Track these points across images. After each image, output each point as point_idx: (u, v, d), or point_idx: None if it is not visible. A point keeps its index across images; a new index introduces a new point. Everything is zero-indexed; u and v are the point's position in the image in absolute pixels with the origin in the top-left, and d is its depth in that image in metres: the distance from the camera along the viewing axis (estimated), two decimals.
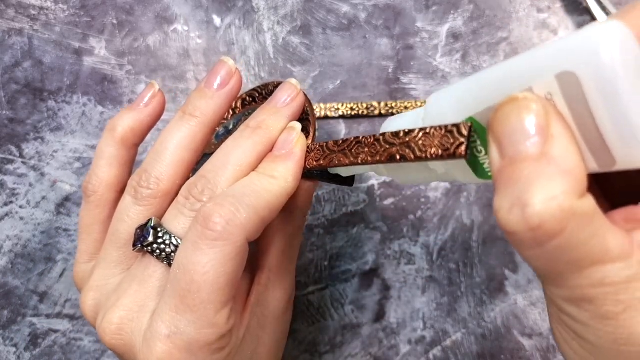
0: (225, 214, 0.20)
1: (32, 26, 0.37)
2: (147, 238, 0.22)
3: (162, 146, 0.24)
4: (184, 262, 0.20)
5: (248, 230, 0.21)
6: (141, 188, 0.23)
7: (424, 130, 0.18)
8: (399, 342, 0.34)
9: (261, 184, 0.22)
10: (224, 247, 0.20)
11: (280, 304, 0.25)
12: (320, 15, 0.38)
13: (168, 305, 0.21)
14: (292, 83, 0.25)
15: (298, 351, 0.33)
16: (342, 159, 0.22)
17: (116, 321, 0.22)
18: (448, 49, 0.38)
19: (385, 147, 0.20)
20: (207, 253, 0.20)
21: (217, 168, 0.23)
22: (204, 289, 0.20)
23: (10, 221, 0.34)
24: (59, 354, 0.33)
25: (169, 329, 0.20)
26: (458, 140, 0.17)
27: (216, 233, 0.20)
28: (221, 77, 0.25)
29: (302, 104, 0.25)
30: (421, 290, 0.34)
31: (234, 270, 0.20)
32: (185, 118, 0.24)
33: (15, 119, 0.36)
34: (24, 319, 0.33)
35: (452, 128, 0.17)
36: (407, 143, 0.19)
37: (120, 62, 0.37)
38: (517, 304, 0.34)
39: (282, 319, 0.26)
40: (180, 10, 0.38)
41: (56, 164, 0.35)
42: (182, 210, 0.22)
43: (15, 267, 0.34)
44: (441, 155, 0.17)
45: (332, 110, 0.36)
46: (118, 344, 0.22)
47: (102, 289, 0.24)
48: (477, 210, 0.36)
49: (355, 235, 0.35)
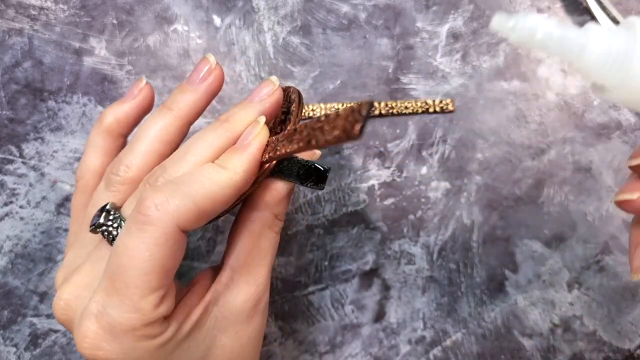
0: (158, 200, 0.20)
1: (32, 26, 0.37)
2: (98, 220, 0.23)
3: (137, 137, 0.25)
4: (117, 244, 0.21)
5: (180, 218, 0.20)
6: (112, 174, 0.24)
7: (337, 112, 0.18)
8: (399, 342, 0.34)
9: (208, 173, 0.22)
10: (152, 232, 0.20)
11: (245, 306, 0.24)
12: (320, 15, 0.38)
13: (101, 286, 0.21)
14: (272, 80, 0.25)
15: (298, 351, 0.33)
16: (281, 148, 0.22)
17: (65, 297, 0.23)
18: (448, 49, 0.38)
19: (308, 132, 0.19)
20: (136, 237, 0.20)
21: (176, 158, 0.23)
22: (129, 272, 0.20)
23: (11, 221, 0.34)
24: (59, 354, 0.33)
25: (97, 309, 0.21)
26: (356, 120, 0.16)
27: (147, 218, 0.20)
28: (201, 73, 0.25)
29: (278, 100, 0.25)
30: (421, 290, 0.34)
31: (163, 257, 0.20)
32: (162, 111, 0.25)
33: (15, 119, 0.36)
34: (24, 319, 0.33)
35: (356, 106, 0.17)
36: (322, 127, 0.18)
37: (120, 62, 0.37)
38: (517, 304, 0.34)
39: (249, 323, 0.25)
40: (180, 10, 0.38)
41: (56, 164, 0.35)
42: (137, 196, 0.23)
43: (16, 267, 0.34)
44: (341, 137, 0.17)
45: (332, 110, 0.36)
46: (64, 319, 0.23)
47: (70, 268, 0.24)
48: (477, 211, 0.36)
49: (355, 235, 0.35)
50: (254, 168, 0.23)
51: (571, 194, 0.36)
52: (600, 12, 0.38)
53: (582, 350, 0.34)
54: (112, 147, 0.27)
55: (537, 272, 0.35)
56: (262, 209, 0.25)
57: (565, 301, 0.35)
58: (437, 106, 0.36)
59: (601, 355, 0.34)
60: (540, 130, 0.37)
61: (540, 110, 0.37)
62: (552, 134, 0.37)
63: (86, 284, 0.23)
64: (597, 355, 0.34)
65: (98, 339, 0.20)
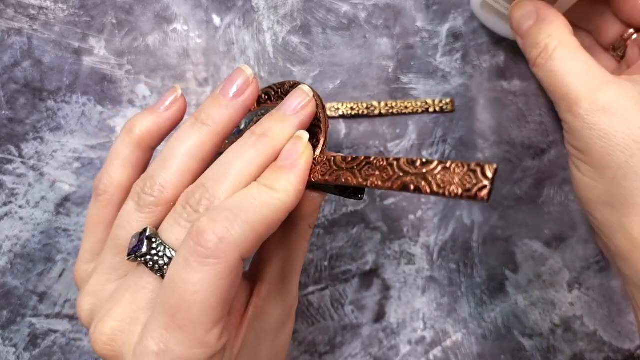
0: (218, 231, 0.19)
1: (32, 26, 0.37)
2: (140, 248, 0.21)
3: (170, 153, 0.23)
4: (174, 279, 0.20)
5: (242, 248, 0.20)
6: (144, 195, 0.23)
7: (443, 164, 0.17)
8: (399, 342, 0.34)
9: (260, 197, 0.21)
10: (216, 266, 0.19)
11: (281, 316, 0.24)
12: (320, 14, 0.38)
13: (158, 322, 0.20)
14: (305, 90, 0.24)
15: (298, 351, 0.33)
16: (349, 178, 0.21)
17: (107, 332, 0.22)
18: (448, 48, 0.38)
19: (399, 175, 0.19)
20: (198, 271, 0.19)
21: (217, 177, 0.22)
22: (194, 309, 0.19)
23: (10, 221, 0.34)
24: (58, 354, 0.33)
25: (158, 347, 0.20)
26: (481, 183, 0.16)
27: (208, 251, 0.19)
28: (237, 86, 0.24)
29: (313, 112, 0.24)
30: (421, 291, 0.34)
31: (227, 290, 0.20)
32: (197, 126, 0.23)
33: (15, 119, 0.36)
34: (24, 319, 0.33)
35: (476, 168, 0.16)
36: (424, 175, 0.18)
37: (119, 61, 0.37)
38: (518, 304, 0.34)
39: (283, 331, 0.25)
40: (180, 9, 0.38)
41: (55, 163, 0.35)
42: (179, 221, 0.22)
43: (15, 267, 0.34)
44: (461, 194, 0.17)
45: (332, 110, 0.36)
46: (109, 355, 0.22)
47: (98, 295, 0.23)
48: (478, 211, 0.35)
49: (355, 235, 0.35)
50: (303, 187, 0.22)
51: (571, 194, 0.36)
52: None
53: (583, 351, 0.34)
54: (140, 159, 0.25)
55: (537, 272, 0.35)
56: (298, 222, 0.24)
57: (566, 301, 0.35)
58: (437, 106, 0.36)
59: (601, 356, 0.34)
60: (540, 130, 0.37)
61: (540, 110, 0.37)
62: (552, 134, 0.37)
63: (131, 317, 0.22)
64: (597, 355, 0.34)
65: None
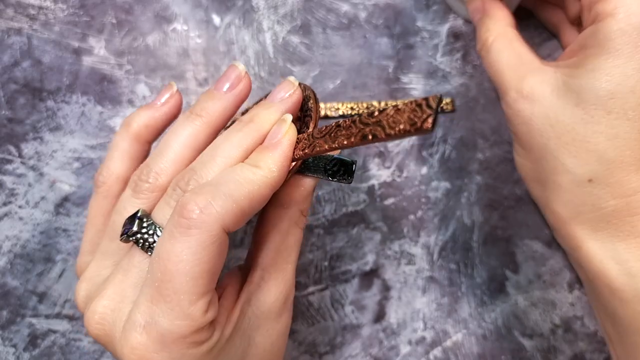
0: (200, 203, 0.20)
1: (31, 26, 0.37)
2: (131, 228, 0.22)
3: (166, 143, 0.24)
4: (160, 251, 0.20)
5: (224, 219, 0.20)
6: (140, 182, 0.24)
7: (395, 107, 0.18)
8: (399, 342, 0.34)
9: (243, 173, 0.22)
10: (198, 236, 0.20)
11: (275, 304, 0.25)
12: (320, 14, 0.38)
13: (145, 295, 0.21)
14: (290, 80, 0.25)
15: (298, 352, 0.33)
16: (322, 144, 0.22)
17: (100, 310, 0.22)
18: (448, 48, 0.38)
19: (360, 128, 0.19)
20: (180, 241, 0.20)
21: (205, 160, 0.23)
22: (177, 278, 0.20)
23: (9, 221, 0.34)
24: (58, 354, 0.33)
25: (144, 319, 0.20)
26: (426, 114, 0.17)
27: (191, 221, 0.20)
28: (230, 80, 0.25)
29: (299, 100, 0.25)
30: (421, 291, 0.34)
31: (210, 260, 0.20)
32: (191, 117, 0.25)
33: (14, 119, 0.36)
34: (23, 319, 0.33)
35: (422, 102, 0.17)
36: (379, 122, 0.18)
37: (119, 61, 0.37)
38: (518, 304, 0.34)
39: (278, 320, 0.25)
40: (180, 9, 0.38)
41: (55, 164, 0.35)
42: (169, 201, 0.23)
43: (14, 267, 0.34)
44: (410, 130, 0.17)
45: (332, 110, 0.36)
46: (100, 334, 0.22)
47: (94, 280, 0.24)
48: (478, 211, 0.35)
49: (355, 235, 0.35)
50: (287, 165, 0.23)
51: None
52: None
53: (583, 351, 0.34)
54: (138, 152, 0.26)
55: (537, 272, 0.35)
56: (289, 206, 0.25)
57: (566, 301, 0.35)
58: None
59: (602, 356, 0.34)
60: None
61: None
62: None
63: (121, 295, 0.22)
64: (598, 355, 0.34)
65: (147, 350, 0.20)
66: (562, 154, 0.26)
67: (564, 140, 0.26)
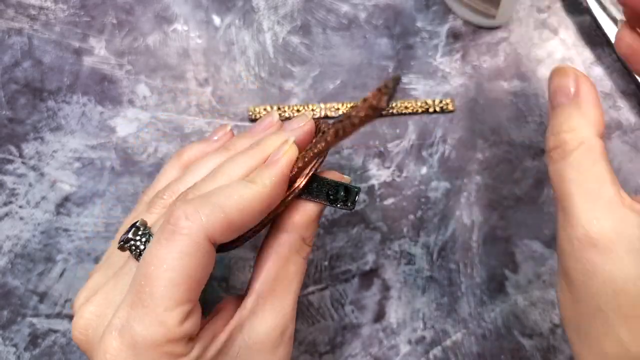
0: (187, 210, 0.20)
1: (32, 26, 0.37)
2: (127, 235, 0.23)
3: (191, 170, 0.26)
4: (145, 255, 0.21)
5: (209, 228, 0.20)
6: (156, 198, 0.25)
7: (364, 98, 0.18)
8: (399, 342, 0.34)
9: (237, 186, 0.22)
10: (181, 242, 0.20)
11: (271, 335, 0.23)
12: (320, 14, 0.38)
13: (126, 300, 0.20)
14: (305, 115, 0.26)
15: (298, 351, 0.33)
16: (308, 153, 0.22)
17: (86, 316, 0.22)
18: (448, 48, 0.38)
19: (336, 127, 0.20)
20: (164, 246, 0.20)
21: (208, 178, 0.24)
22: (156, 282, 0.20)
23: (10, 221, 0.34)
24: (58, 354, 0.33)
25: (120, 324, 0.20)
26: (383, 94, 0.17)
27: (175, 227, 0.20)
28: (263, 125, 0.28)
29: (310, 130, 0.26)
30: (421, 291, 0.34)
31: (191, 268, 0.20)
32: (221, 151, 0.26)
33: (15, 119, 0.36)
34: (24, 319, 0.33)
35: (381, 85, 0.17)
36: (349, 115, 0.19)
37: (119, 61, 0.37)
38: (518, 304, 0.34)
39: (274, 353, 0.24)
40: (180, 9, 0.38)
41: (56, 164, 0.35)
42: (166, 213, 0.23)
43: (15, 267, 0.34)
44: (370, 114, 0.18)
45: (332, 110, 0.36)
46: (82, 340, 0.22)
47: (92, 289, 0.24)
48: (478, 210, 0.35)
49: (355, 235, 0.35)
50: (283, 182, 0.23)
51: None
52: (601, 12, 0.38)
53: None
54: None
55: (537, 272, 0.35)
56: (290, 231, 0.24)
57: None
58: (437, 106, 0.36)
59: None
60: (540, 130, 0.37)
61: (540, 110, 0.37)
62: None
63: (109, 301, 0.22)
64: None
65: (120, 356, 0.20)
66: (618, 324, 0.21)
67: (624, 312, 0.21)
